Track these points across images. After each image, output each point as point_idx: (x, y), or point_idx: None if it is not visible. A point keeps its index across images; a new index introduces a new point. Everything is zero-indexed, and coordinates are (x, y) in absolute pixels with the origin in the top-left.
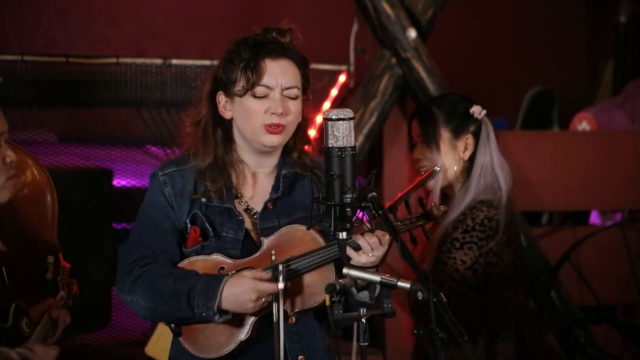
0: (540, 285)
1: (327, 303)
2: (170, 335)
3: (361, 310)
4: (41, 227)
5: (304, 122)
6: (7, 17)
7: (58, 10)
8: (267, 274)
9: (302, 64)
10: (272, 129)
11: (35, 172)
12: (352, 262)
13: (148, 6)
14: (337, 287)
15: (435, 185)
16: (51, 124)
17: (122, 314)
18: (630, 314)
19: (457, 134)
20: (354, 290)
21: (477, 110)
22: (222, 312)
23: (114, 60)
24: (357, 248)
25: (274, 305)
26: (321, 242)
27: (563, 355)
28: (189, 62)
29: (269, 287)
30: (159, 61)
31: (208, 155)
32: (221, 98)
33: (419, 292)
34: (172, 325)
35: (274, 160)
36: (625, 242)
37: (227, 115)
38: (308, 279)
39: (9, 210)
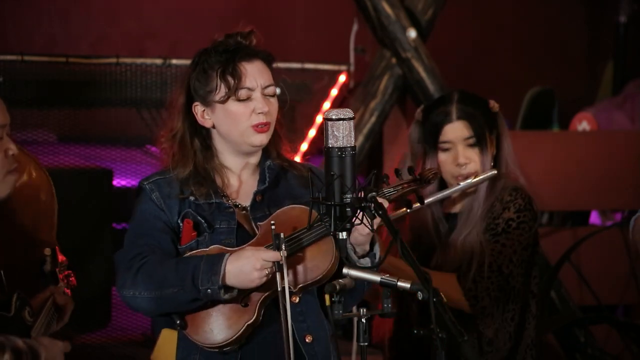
0: (541, 285)
1: (327, 303)
2: (175, 339)
3: (361, 310)
4: (39, 226)
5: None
6: (7, 17)
7: (58, 10)
8: (268, 249)
9: (270, 62)
10: (260, 127)
11: (33, 171)
12: (354, 232)
13: (148, 6)
14: (337, 287)
15: (481, 187)
16: (51, 124)
17: (122, 314)
18: (630, 314)
19: (491, 131)
20: (354, 257)
21: (495, 105)
22: (227, 288)
23: (114, 60)
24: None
25: (277, 275)
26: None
27: (563, 355)
28: (189, 62)
29: (271, 254)
30: (159, 61)
31: (187, 165)
32: (198, 109)
33: (419, 292)
34: (178, 321)
35: (256, 158)
36: (625, 242)
37: (207, 124)
38: (308, 253)
39: (7, 208)
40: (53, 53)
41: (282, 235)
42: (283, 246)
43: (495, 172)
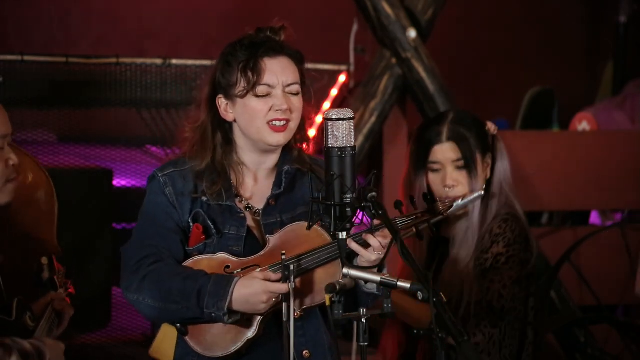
0: (540, 285)
1: (327, 303)
2: (175, 335)
3: (361, 310)
4: (40, 228)
5: (303, 120)
6: (7, 17)
7: (58, 10)
8: (277, 275)
9: (299, 60)
10: (277, 126)
11: (32, 172)
12: (361, 259)
13: (148, 6)
14: (337, 287)
15: (474, 210)
16: (51, 124)
17: (122, 314)
18: (630, 314)
19: (484, 154)
20: (361, 282)
21: (492, 127)
22: (231, 312)
23: (114, 60)
24: (365, 245)
25: (284, 306)
26: (327, 238)
27: (563, 355)
28: (189, 62)
29: (280, 287)
30: (159, 61)
31: (205, 158)
32: (221, 102)
33: (419, 292)
34: (178, 325)
35: (274, 158)
36: (625, 242)
37: (229, 117)
38: (315, 276)
39: (7, 212)
40: (53, 53)
41: (292, 267)
42: (292, 278)
43: (481, 193)
